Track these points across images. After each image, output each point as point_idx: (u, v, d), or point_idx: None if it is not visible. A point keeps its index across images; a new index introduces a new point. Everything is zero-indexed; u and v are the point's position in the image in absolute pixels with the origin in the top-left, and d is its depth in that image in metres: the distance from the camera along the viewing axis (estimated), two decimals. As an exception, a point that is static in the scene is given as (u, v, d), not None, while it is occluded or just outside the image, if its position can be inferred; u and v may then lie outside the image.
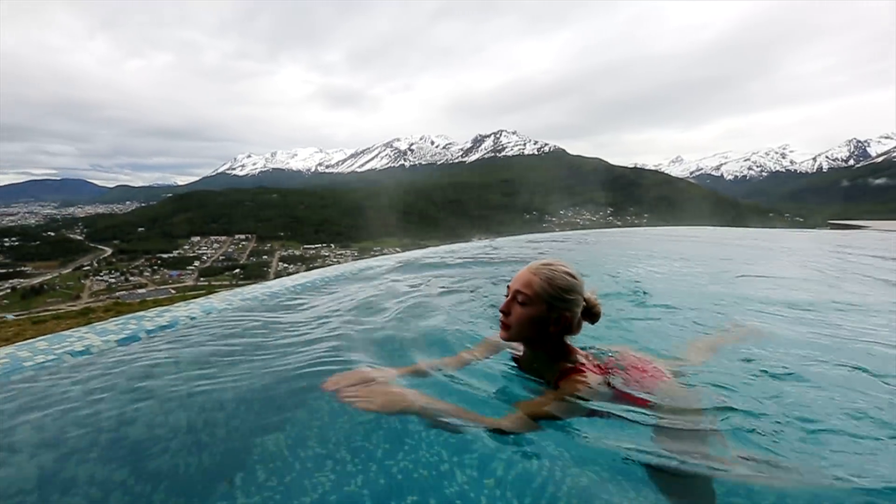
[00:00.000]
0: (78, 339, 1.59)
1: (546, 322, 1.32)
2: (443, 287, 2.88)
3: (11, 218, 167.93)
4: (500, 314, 1.38)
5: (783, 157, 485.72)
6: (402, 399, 1.24)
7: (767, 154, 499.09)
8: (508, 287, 1.39)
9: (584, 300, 1.38)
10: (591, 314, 1.41)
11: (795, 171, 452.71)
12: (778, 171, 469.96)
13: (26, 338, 1.71)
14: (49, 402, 1.23)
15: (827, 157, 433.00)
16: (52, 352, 1.50)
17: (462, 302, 2.50)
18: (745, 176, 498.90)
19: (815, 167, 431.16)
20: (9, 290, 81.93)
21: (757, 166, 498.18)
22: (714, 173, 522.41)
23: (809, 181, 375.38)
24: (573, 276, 1.35)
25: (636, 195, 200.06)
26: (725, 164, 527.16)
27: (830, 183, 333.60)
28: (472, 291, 2.74)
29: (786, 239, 7.56)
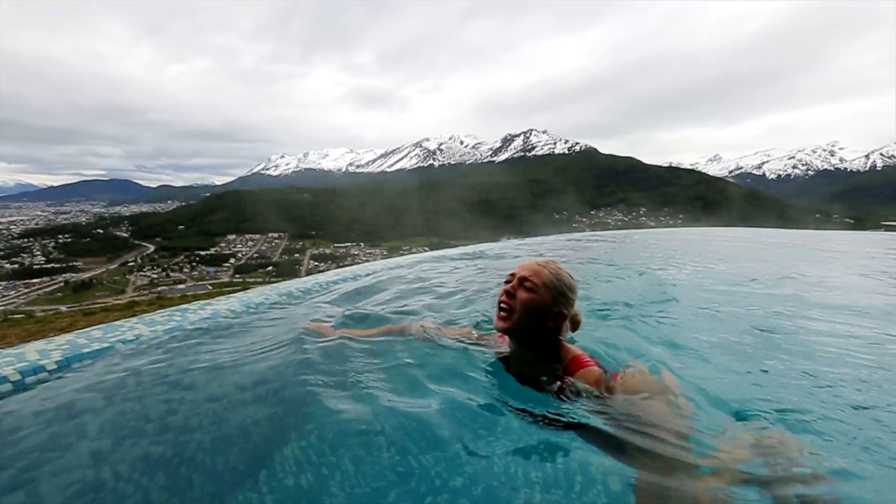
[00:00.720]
0: (129, 329, 1.72)
1: (547, 314, 1.33)
2: (461, 281, 2.89)
3: (65, 216, 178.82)
4: (504, 295, 1.37)
5: (832, 155, 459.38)
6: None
7: (814, 151, 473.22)
8: (512, 275, 1.39)
9: None
10: (574, 322, 1.43)
11: (845, 169, 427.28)
12: (826, 170, 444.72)
13: (79, 328, 1.83)
14: (105, 386, 1.34)
15: (882, 154, 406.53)
16: (106, 340, 1.64)
17: (479, 297, 2.53)
18: (789, 175, 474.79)
19: (868, 165, 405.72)
20: (62, 284, 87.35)
21: (802, 164, 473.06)
22: (755, 172, 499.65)
23: (861, 180, 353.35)
24: (573, 279, 1.39)
25: (670, 195, 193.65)
26: (768, 162, 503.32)
27: (885, 182, 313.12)
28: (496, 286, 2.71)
29: (838, 241, 7.14)
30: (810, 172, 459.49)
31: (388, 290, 2.72)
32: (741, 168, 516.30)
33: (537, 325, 1.33)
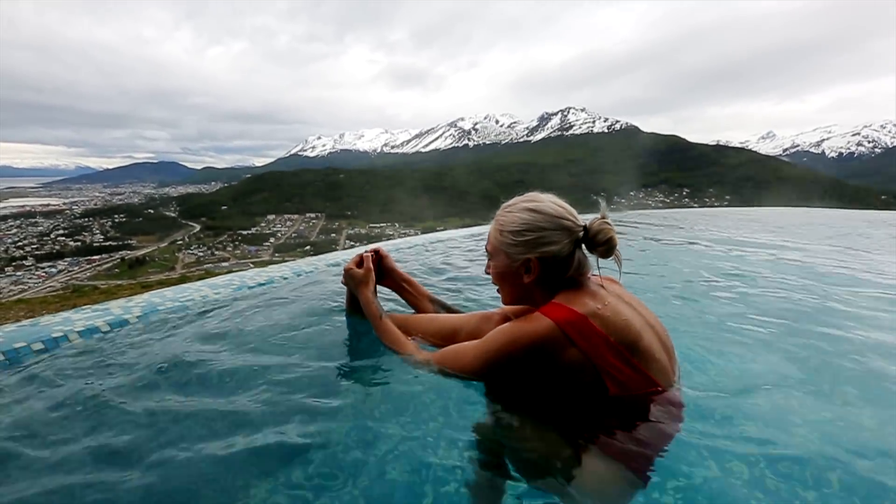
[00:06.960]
0: (196, 291, 1.99)
1: (515, 274, 1.12)
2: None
3: (120, 197, 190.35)
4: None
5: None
6: (358, 291, 1.49)
7: (884, 127, 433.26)
8: None
9: (584, 228, 1.08)
10: (594, 244, 1.07)
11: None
12: None
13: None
14: (179, 338, 1.53)
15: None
16: (177, 299, 1.87)
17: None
18: (852, 153, 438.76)
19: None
20: (119, 260, 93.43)
21: (868, 141, 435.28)
22: (813, 150, 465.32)
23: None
24: (533, 211, 1.10)
25: (717, 175, 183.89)
26: (828, 139, 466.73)
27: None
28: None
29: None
30: (877, 150, 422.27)
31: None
32: (797, 146, 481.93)
33: (520, 288, 1.14)
